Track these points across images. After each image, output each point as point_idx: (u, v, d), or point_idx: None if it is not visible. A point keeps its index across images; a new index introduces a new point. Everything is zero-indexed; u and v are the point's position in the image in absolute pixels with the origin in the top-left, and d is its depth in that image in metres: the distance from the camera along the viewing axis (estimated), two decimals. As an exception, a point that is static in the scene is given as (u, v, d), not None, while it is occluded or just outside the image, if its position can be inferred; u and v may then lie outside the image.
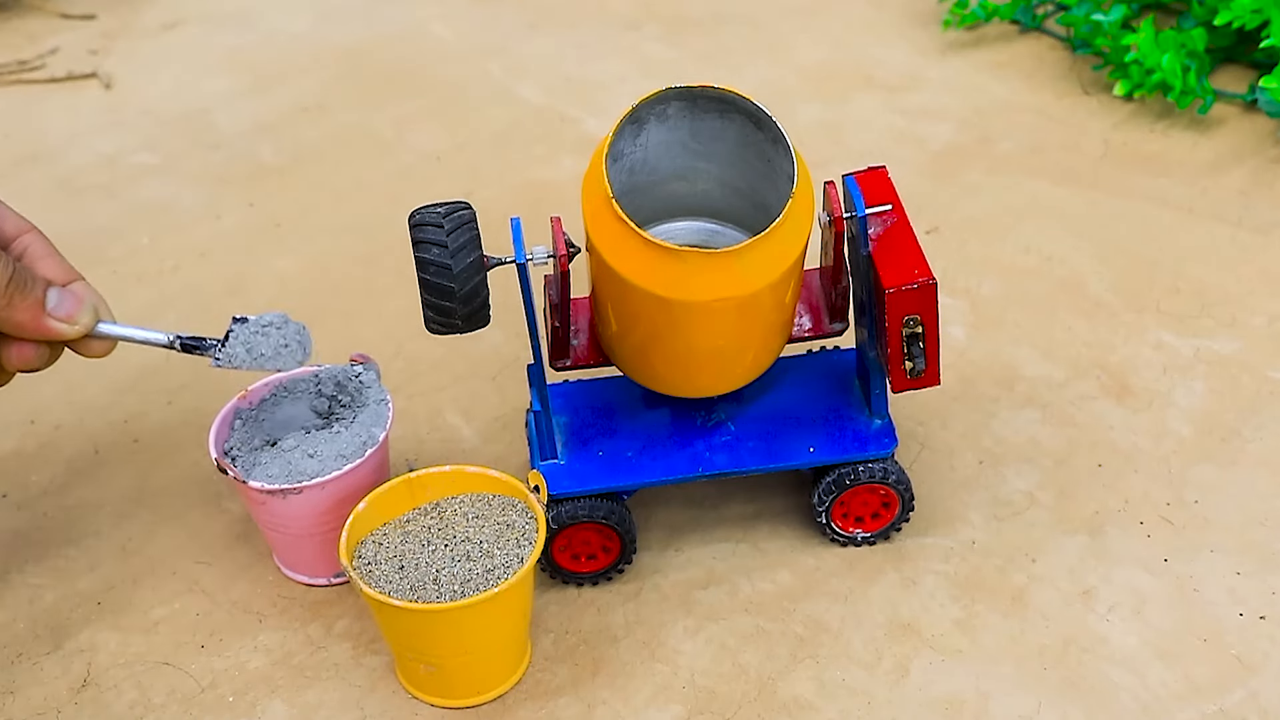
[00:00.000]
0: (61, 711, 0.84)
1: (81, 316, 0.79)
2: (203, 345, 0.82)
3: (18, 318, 0.77)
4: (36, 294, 0.78)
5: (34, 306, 0.77)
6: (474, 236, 0.79)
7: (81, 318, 0.79)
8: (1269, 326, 1.03)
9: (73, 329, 0.79)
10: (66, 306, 0.79)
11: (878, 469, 0.87)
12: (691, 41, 1.41)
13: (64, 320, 0.79)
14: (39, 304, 0.78)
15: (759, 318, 0.80)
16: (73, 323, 0.79)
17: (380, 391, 0.89)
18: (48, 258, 0.81)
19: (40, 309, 0.78)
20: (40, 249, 0.81)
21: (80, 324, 0.79)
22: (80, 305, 0.79)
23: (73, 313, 0.79)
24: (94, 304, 0.80)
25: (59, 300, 0.79)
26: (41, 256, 0.81)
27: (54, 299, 0.78)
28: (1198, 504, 0.92)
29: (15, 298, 0.77)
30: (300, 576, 0.91)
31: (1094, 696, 0.82)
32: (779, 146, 0.78)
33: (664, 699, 0.83)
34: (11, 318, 0.77)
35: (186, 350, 0.82)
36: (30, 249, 0.81)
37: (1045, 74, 1.31)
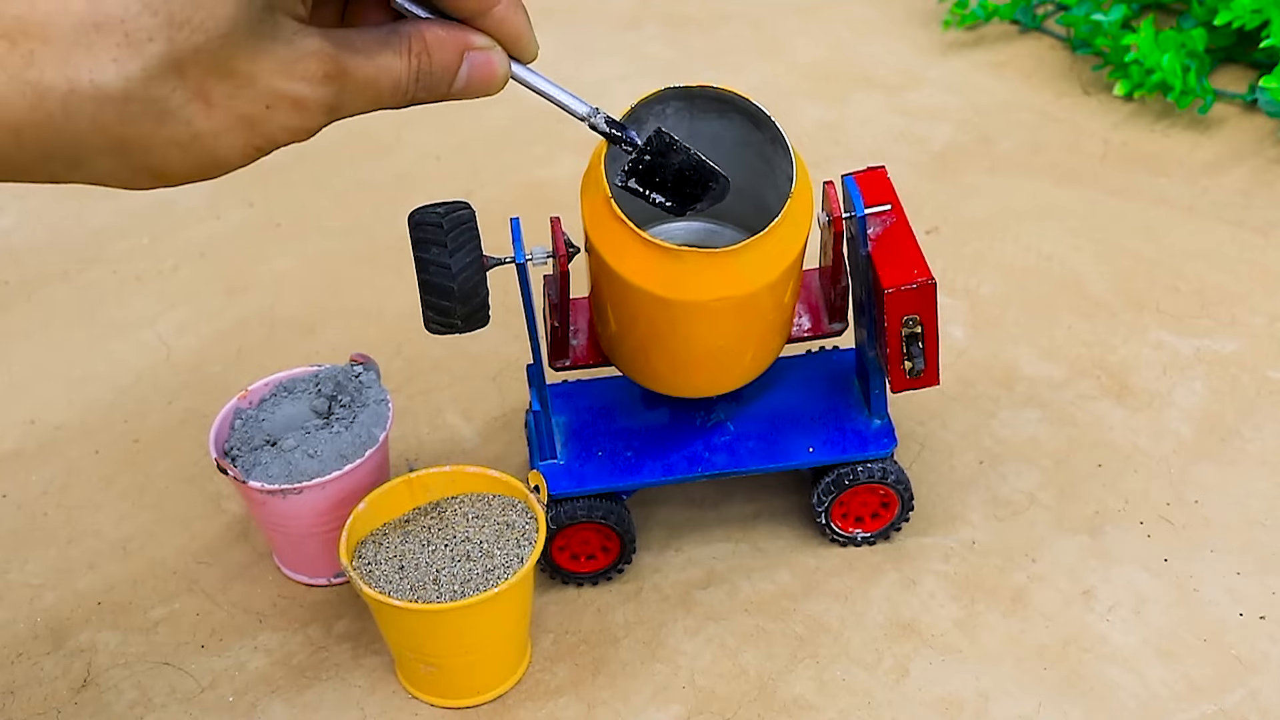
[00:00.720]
0: (61, 711, 0.84)
1: (493, 86, 0.67)
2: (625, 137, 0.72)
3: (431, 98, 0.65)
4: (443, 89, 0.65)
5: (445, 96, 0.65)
6: (474, 236, 0.79)
7: (493, 87, 0.67)
8: (1269, 326, 1.03)
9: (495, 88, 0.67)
10: (475, 83, 0.66)
11: (877, 469, 0.87)
12: (691, 41, 1.40)
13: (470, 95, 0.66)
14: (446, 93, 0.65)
15: (758, 317, 0.80)
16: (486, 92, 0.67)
17: (380, 391, 0.89)
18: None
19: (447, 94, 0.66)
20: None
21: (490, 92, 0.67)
22: (492, 76, 0.66)
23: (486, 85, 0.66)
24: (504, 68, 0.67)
25: (467, 79, 0.66)
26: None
27: (463, 79, 0.66)
28: (1198, 504, 0.92)
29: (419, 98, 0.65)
30: (300, 576, 0.91)
31: (1094, 696, 0.82)
32: (778, 146, 0.78)
33: (664, 699, 0.83)
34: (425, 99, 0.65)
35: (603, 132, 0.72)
36: None
37: (1045, 74, 1.31)
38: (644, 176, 0.72)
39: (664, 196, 0.72)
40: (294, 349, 1.07)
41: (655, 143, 0.72)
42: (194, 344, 1.09)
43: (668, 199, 0.73)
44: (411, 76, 0.64)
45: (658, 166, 0.72)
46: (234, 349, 1.08)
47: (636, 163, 0.72)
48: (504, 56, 0.67)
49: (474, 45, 0.66)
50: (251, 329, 1.10)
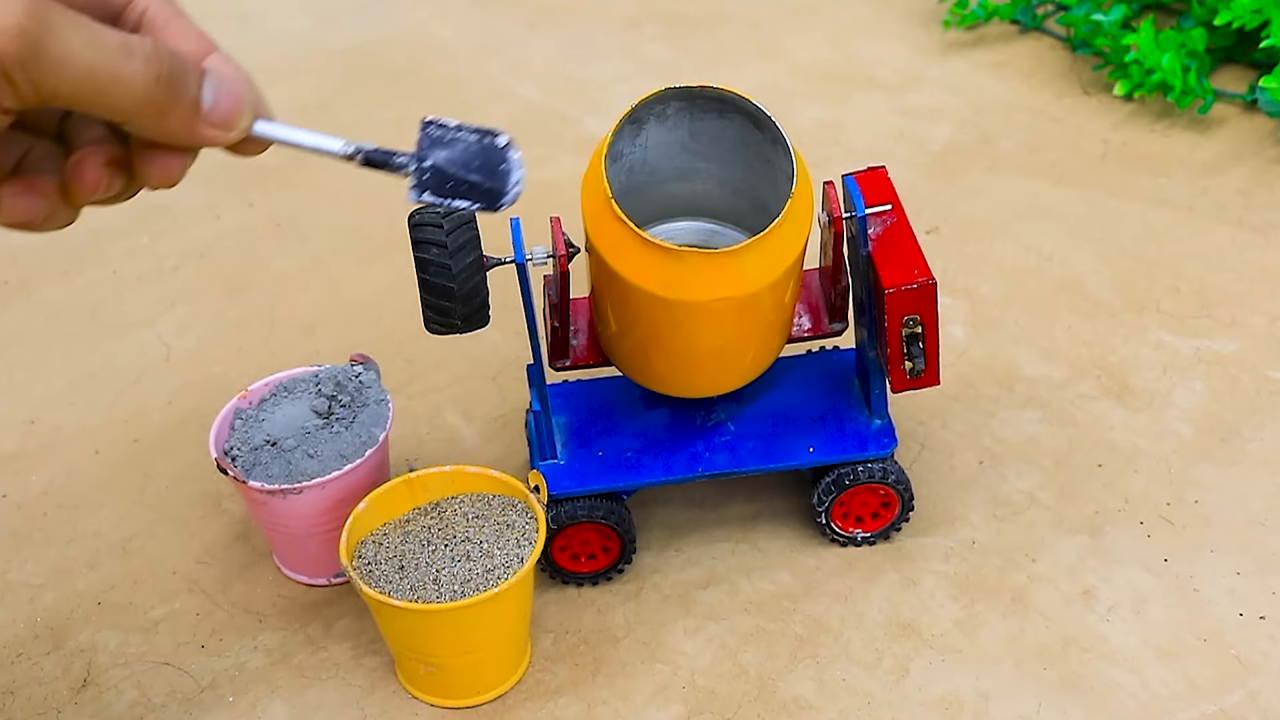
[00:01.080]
0: (61, 711, 0.84)
1: (241, 119, 0.62)
2: (391, 162, 0.63)
3: (170, 126, 0.60)
4: (191, 94, 0.60)
5: (189, 112, 0.60)
6: (474, 236, 0.79)
7: (241, 121, 0.62)
8: (1269, 326, 1.03)
9: (232, 135, 0.62)
10: (224, 107, 0.61)
11: (877, 469, 0.87)
12: (691, 41, 1.41)
13: (220, 126, 0.62)
14: (194, 107, 0.60)
15: (758, 318, 0.80)
16: (230, 128, 0.62)
17: (380, 391, 0.89)
18: (171, 23, 0.63)
19: (195, 114, 0.61)
20: (160, 12, 0.63)
21: (239, 129, 0.62)
22: (238, 105, 0.62)
23: (231, 114, 0.62)
24: (251, 98, 0.63)
25: (214, 99, 0.61)
26: (164, 23, 0.63)
27: (209, 96, 0.61)
28: (1198, 504, 0.92)
29: (168, 105, 0.59)
30: (300, 576, 0.91)
31: (1094, 696, 0.82)
32: (778, 146, 0.78)
33: (664, 699, 0.83)
34: (163, 126, 0.60)
35: (370, 165, 0.63)
36: (149, 14, 0.63)
37: (1045, 74, 1.31)
38: (437, 186, 0.64)
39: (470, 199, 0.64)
40: (294, 349, 1.07)
41: (425, 141, 0.64)
42: (194, 344, 1.09)
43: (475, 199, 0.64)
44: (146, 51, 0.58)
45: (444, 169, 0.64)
46: (234, 349, 1.08)
47: (420, 175, 0.64)
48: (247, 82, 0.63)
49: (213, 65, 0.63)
50: (251, 329, 1.10)
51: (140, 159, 0.63)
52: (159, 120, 0.60)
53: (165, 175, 0.63)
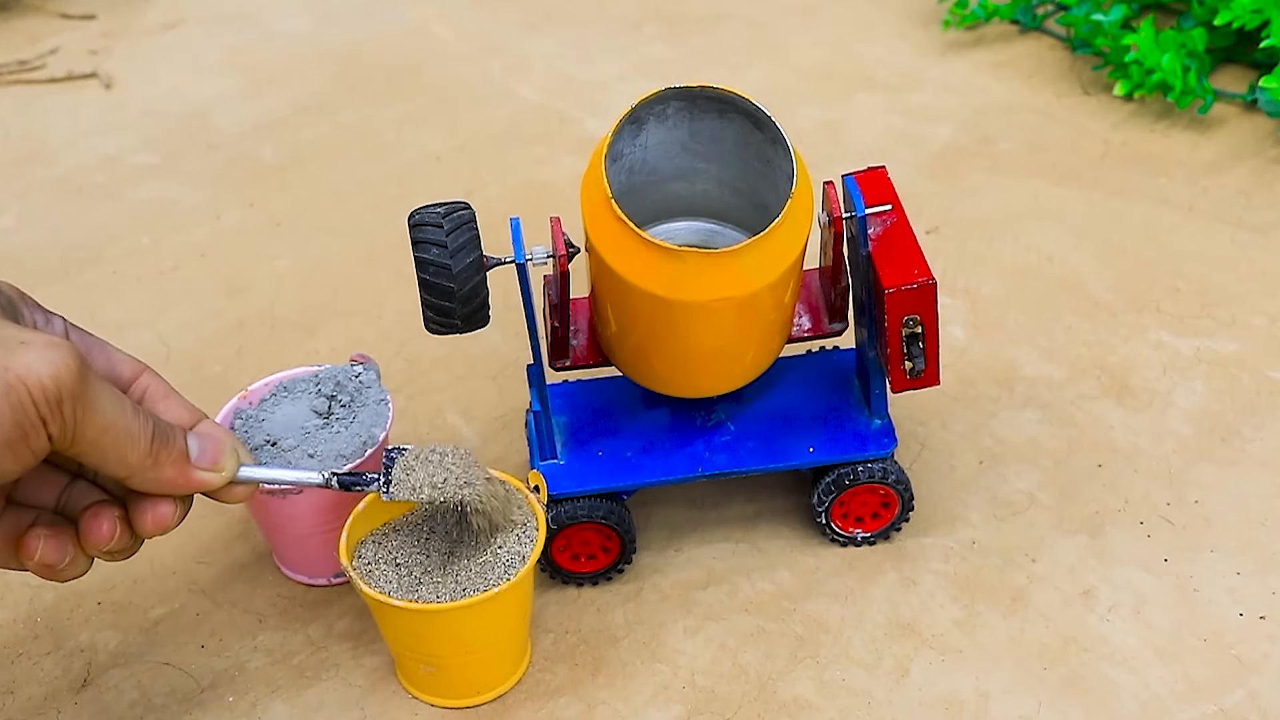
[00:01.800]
0: (61, 711, 0.84)
1: (226, 462, 0.73)
2: (363, 481, 0.78)
3: (165, 474, 0.71)
4: (180, 445, 0.71)
5: (179, 460, 0.71)
6: (474, 236, 0.79)
7: (226, 464, 0.73)
8: (1269, 326, 1.03)
9: (219, 477, 0.73)
10: (209, 454, 0.72)
11: (877, 469, 0.87)
12: (691, 41, 1.41)
13: (209, 469, 0.72)
14: (184, 456, 0.71)
15: (758, 318, 0.80)
16: (219, 470, 0.73)
17: (380, 391, 0.89)
18: (167, 398, 0.75)
19: (185, 461, 0.71)
20: (158, 389, 0.75)
21: (226, 470, 0.73)
22: (221, 449, 0.73)
23: (217, 459, 0.73)
24: (233, 445, 0.74)
25: (200, 448, 0.72)
26: (161, 398, 0.75)
27: (195, 447, 0.72)
28: (1198, 504, 0.92)
29: (161, 454, 0.70)
30: (300, 576, 0.91)
31: (1094, 696, 0.82)
32: (778, 146, 0.78)
33: (664, 699, 0.83)
34: (159, 475, 0.70)
35: (345, 488, 0.77)
36: (149, 391, 0.75)
37: (1045, 74, 1.31)
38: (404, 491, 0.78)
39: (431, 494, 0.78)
40: (294, 349, 1.07)
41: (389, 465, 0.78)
42: (194, 344, 1.08)
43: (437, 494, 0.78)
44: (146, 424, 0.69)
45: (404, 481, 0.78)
46: (234, 349, 1.08)
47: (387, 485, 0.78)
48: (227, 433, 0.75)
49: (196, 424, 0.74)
50: (251, 329, 1.10)
51: (137, 511, 0.72)
52: (156, 469, 0.70)
53: (160, 522, 0.72)
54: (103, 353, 0.75)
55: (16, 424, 0.64)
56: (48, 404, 0.64)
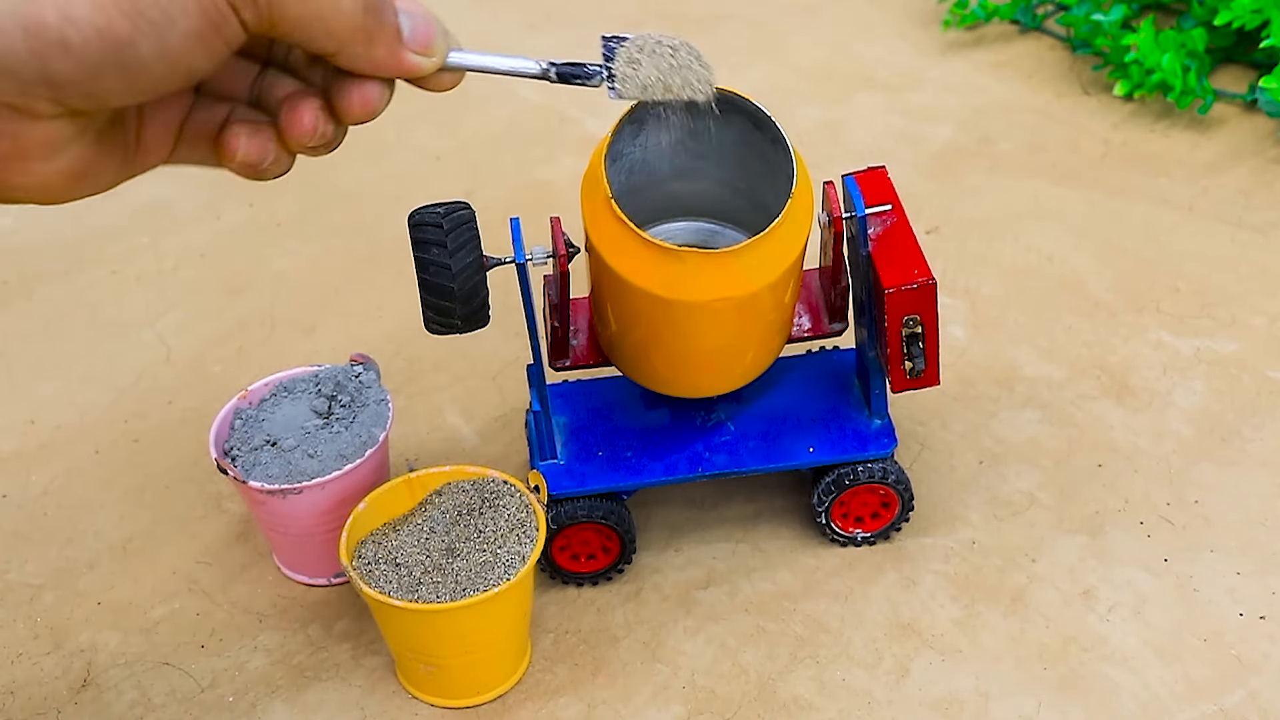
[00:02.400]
0: (61, 711, 0.84)
1: (438, 45, 0.66)
2: (585, 73, 0.70)
3: (377, 53, 0.64)
4: (392, 20, 0.64)
5: (392, 39, 0.64)
6: (474, 236, 0.79)
7: (438, 47, 0.66)
8: (1269, 326, 1.03)
9: (431, 62, 0.66)
10: (421, 34, 0.65)
11: (877, 469, 0.87)
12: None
13: (421, 52, 0.66)
14: (396, 35, 0.64)
15: (758, 318, 0.80)
16: (431, 54, 0.66)
17: (380, 391, 0.89)
18: None
19: (398, 41, 0.64)
20: None
21: (438, 54, 0.66)
22: (433, 31, 0.66)
23: (430, 40, 0.66)
24: (443, 28, 0.67)
25: (412, 27, 0.65)
26: None
27: (407, 27, 0.65)
28: (1198, 504, 0.92)
29: (373, 28, 0.63)
30: (300, 576, 0.91)
31: (1094, 696, 0.82)
32: (778, 146, 0.78)
33: (664, 699, 0.83)
34: (370, 53, 0.64)
35: (564, 80, 0.69)
36: None
37: (1045, 74, 1.31)
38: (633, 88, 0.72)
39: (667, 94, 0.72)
40: (294, 349, 1.07)
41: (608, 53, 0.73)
42: (194, 344, 1.09)
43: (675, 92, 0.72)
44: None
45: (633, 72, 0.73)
46: (234, 349, 1.08)
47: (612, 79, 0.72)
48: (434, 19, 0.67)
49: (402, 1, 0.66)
50: (251, 329, 1.10)
51: (342, 94, 0.66)
52: (368, 47, 0.63)
53: (367, 106, 0.66)
54: None
55: (204, 13, 0.57)
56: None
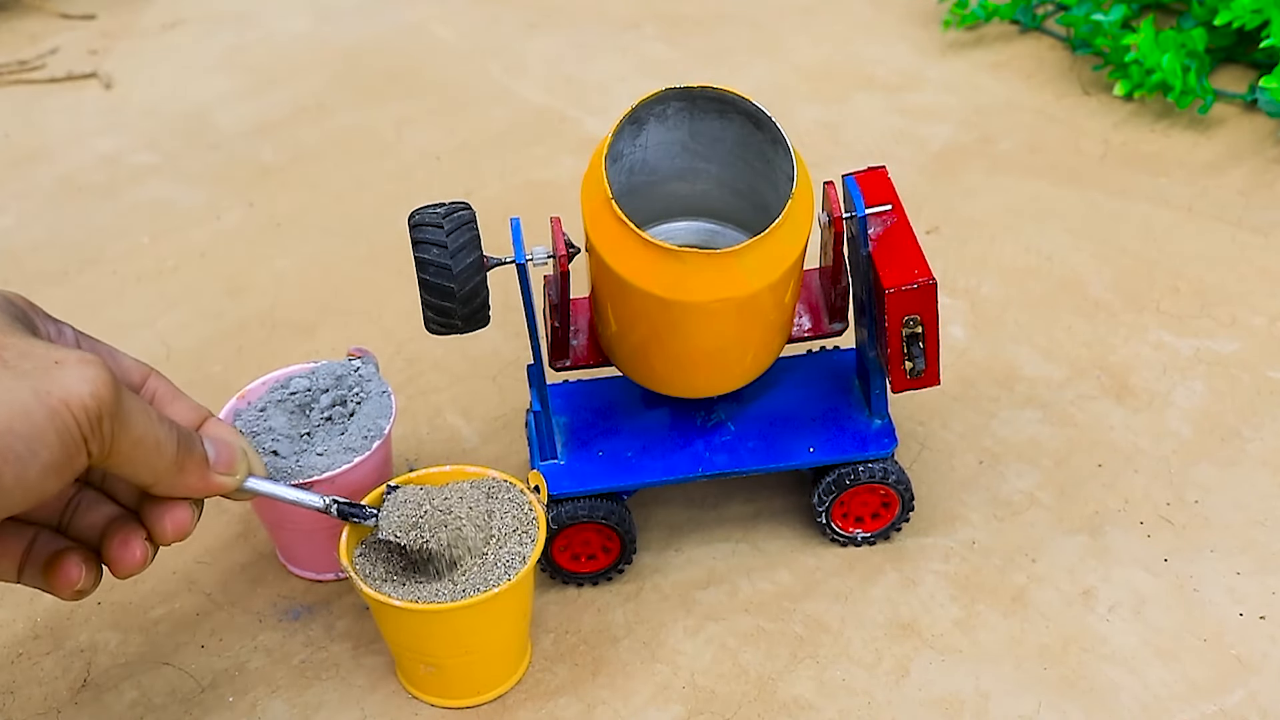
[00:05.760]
0: (61, 711, 0.84)
1: (239, 465, 0.74)
2: (361, 514, 0.79)
3: (189, 481, 0.71)
4: (200, 451, 0.72)
5: (201, 465, 0.72)
6: (474, 236, 0.79)
7: (239, 467, 0.74)
8: (1269, 326, 1.03)
9: (235, 480, 0.74)
10: (224, 458, 0.73)
11: (878, 469, 0.87)
12: (691, 41, 1.40)
13: (225, 473, 0.73)
14: (204, 461, 0.72)
15: (759, 318, 0.80)
16: (233, 474, 0.74)
17: (381, 384, 0.89)
18: (176, 400, 0.75)
19: (206, 465, 0.72)
20: (167, 392, 0.75)
21: (240, 473, 0.74)
22: (234, 453, 0.74)
23: (231, 463, 0.74)
24: (242, 448, 0.75)
25: (215, 452, 0.73)
26: (170, 400, 0.75)
27: (212, 453, 0.73)
28: (1198, 504, 0.92)
29: (185, 461, 0.71)
30: (307, 573, 0.91)
31: (1094, 696, 0.82)
32: (778, 147, 0.78)
33: (664, 699, 0.83)
34: (184, 482, 0.71)
35: (343, 518, 0.79)
36: (158, 394, 0.75)
37: (1045, 74, 1.31)
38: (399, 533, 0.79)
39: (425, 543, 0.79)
40: (294, 349, 1.07)
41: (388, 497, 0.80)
42: (194, 344, 1.08)
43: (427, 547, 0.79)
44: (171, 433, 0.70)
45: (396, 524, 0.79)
46: (234, 349, 1.08)
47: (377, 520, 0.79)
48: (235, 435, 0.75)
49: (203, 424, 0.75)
50: (251, 329, 1.10)
51: (156, 518, 0.73)
52: (180, 476, 0.71)
53: (179, 527, 0.73)
54: (112, 359, 0.75)
55: (63, 447, 0.64)
56: (90, 424, 0.65)
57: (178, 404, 0.75)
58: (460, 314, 0.79)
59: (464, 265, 0.78)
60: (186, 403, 0.76)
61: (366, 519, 0.79)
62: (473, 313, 0.79)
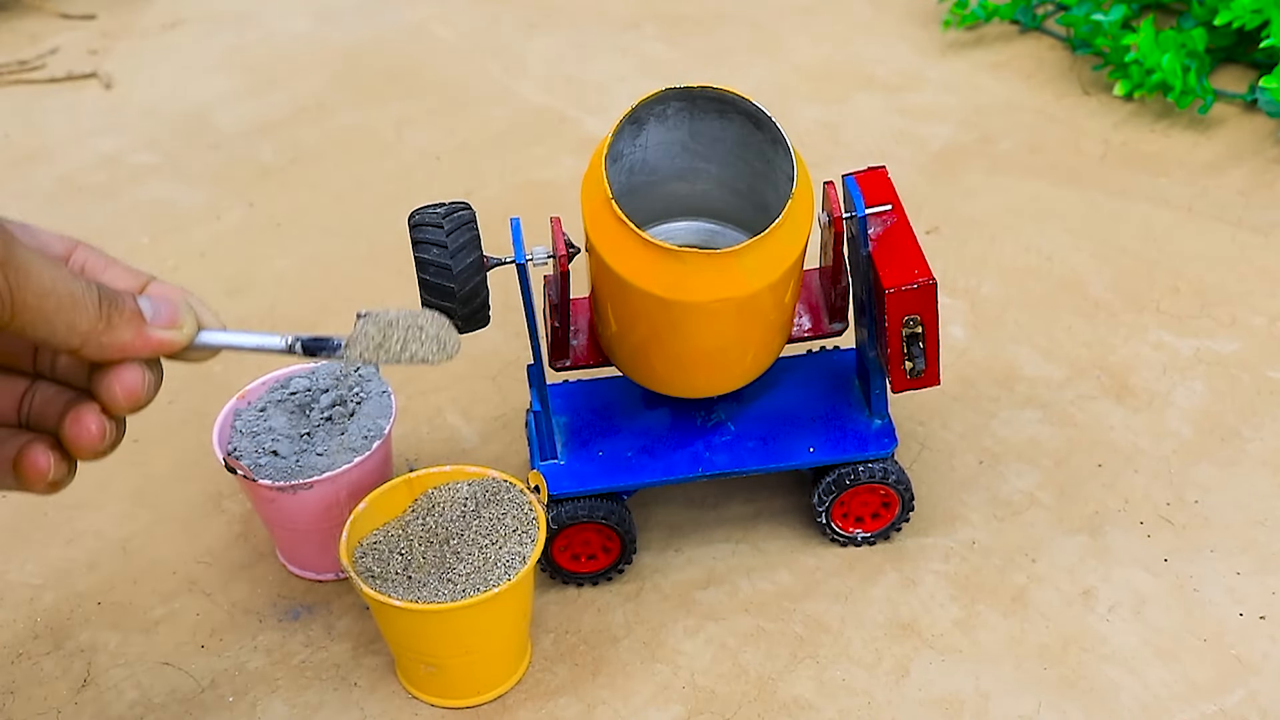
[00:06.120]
0: (61, 711, 0.84)
1: (184, 319, 0.68)
2: (327, 345, 0.71)
3: (122, 338, 0.66)
4: (131, 305, 0.67)
5: (133, 319, 0.66)
6: (474, 236, 0.79)
7: (185, 320, 0.68)
8: (1269, 326, 1.03)
9: (180, 334, 0.68)
10: (164, 313, 0.68)
11: (878, 469, 0.87)
12: (691, 41, 1.41)
13: (168, 327, 0.68)
14: (137, 315, 0.67)
15: (759, 318, 0.80)
16: (178, 327, 0.68)
17: (381, 384, 0.89)
18: (110, 268, 0.70)
19: (141, 321, 0.67)
20: (97, 261, 0.70)
21: (186, 328, 0.68)
22: (178, 308, 0.68)
23: (174, 318, 0.68)
24: (188, 303, 0.69)
25: (154, 309, 0.68)
26: (103, 269, 0.70)
27: (148, 308, 0.67)
28: (1198, 504, 0.92)
29: (112, 315, 0.65)
30: (308, 573, 0.91)
31: (1094, 696, 0.82)
32: (778, 147, 0.78)
33: (664, 699, 0.83)
34: (115, 340, 0.66)
35: (309, 353, 0.71)
36: (88, 263, 0.70)
37: (1045, 74, 1.31)
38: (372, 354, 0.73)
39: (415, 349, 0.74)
40: (294, 349, 1.07)
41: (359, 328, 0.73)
42: (194, 344, 1.08)
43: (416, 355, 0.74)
44: (90, 288, 0.65)
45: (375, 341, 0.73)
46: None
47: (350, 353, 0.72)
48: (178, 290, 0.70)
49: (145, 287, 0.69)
50: (251, 329, 1.09)
51: (103, 387, 0.67)
52: (110, 332, 0.65)
53: (130, 392, 0.67)
54: (26, 232, 0.69)
55: None
56: None
57: (113, 270, 0.70)
58: (460, 314, 0.79)
59: (464, 265, 0.78)
60: (122, 269, 0.70)
61: (334, 350, 0.71)
62: (473, 313, 0.79)
